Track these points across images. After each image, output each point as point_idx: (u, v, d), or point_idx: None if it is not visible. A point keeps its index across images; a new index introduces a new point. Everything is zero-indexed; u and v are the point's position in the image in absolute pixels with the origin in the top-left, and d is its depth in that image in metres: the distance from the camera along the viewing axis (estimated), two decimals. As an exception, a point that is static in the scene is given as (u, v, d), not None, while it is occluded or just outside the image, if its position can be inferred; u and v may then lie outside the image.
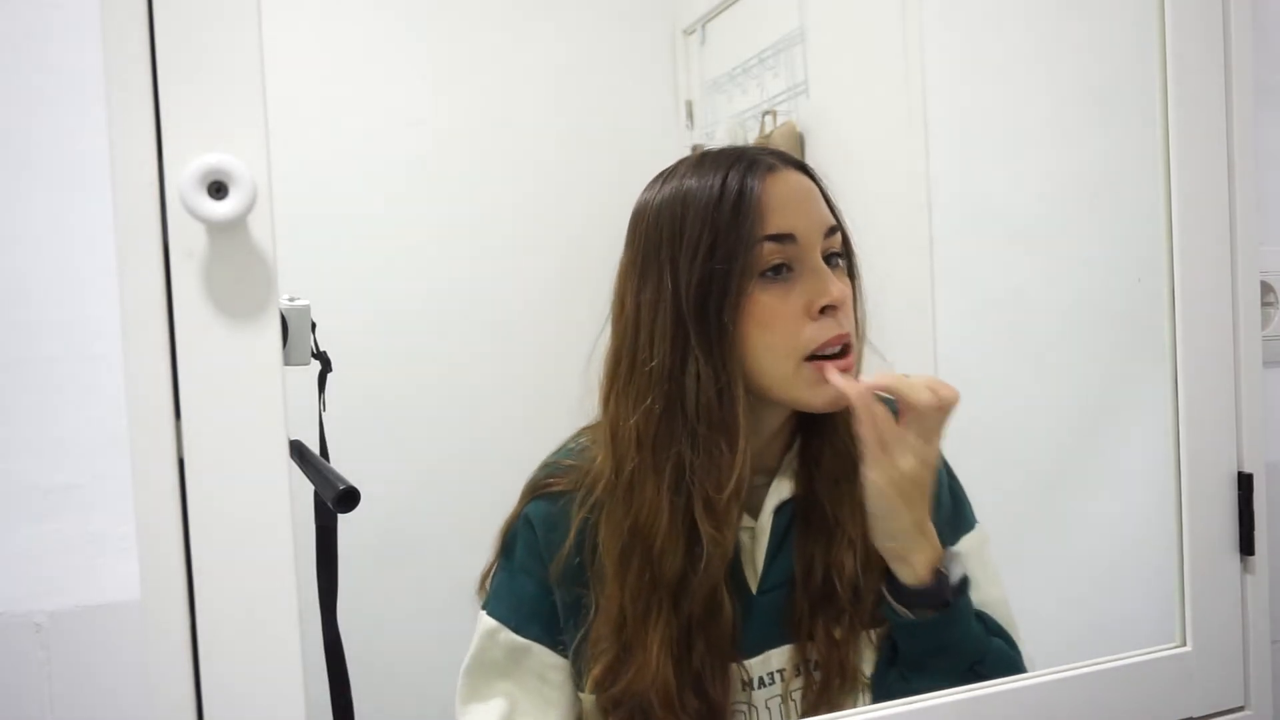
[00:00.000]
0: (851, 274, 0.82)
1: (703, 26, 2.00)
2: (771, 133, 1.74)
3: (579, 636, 0.81)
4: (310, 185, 1.67)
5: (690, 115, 2.03)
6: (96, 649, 0.63)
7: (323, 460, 1.10)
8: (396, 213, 1.84)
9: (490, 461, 0.92)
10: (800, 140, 1.72)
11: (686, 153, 0.88)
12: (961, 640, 0.79)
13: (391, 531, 1.65)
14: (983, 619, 0.82)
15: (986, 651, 0.80)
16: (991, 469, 1.30)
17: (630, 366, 0.79)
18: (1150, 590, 0.92)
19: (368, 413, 1.68)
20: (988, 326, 1.37)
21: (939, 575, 0.77)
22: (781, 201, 0.77)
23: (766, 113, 1.78)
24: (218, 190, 0.55)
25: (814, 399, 0.77)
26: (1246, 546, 0.88)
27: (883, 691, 0.81)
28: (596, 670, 0.79)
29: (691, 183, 0.79)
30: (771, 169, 0.78)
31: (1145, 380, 0.97)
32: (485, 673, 0.84)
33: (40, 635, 0.62)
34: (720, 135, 1.87)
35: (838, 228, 0.80)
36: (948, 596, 0.77)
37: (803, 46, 1.73)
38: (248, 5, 0.57)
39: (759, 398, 0.78)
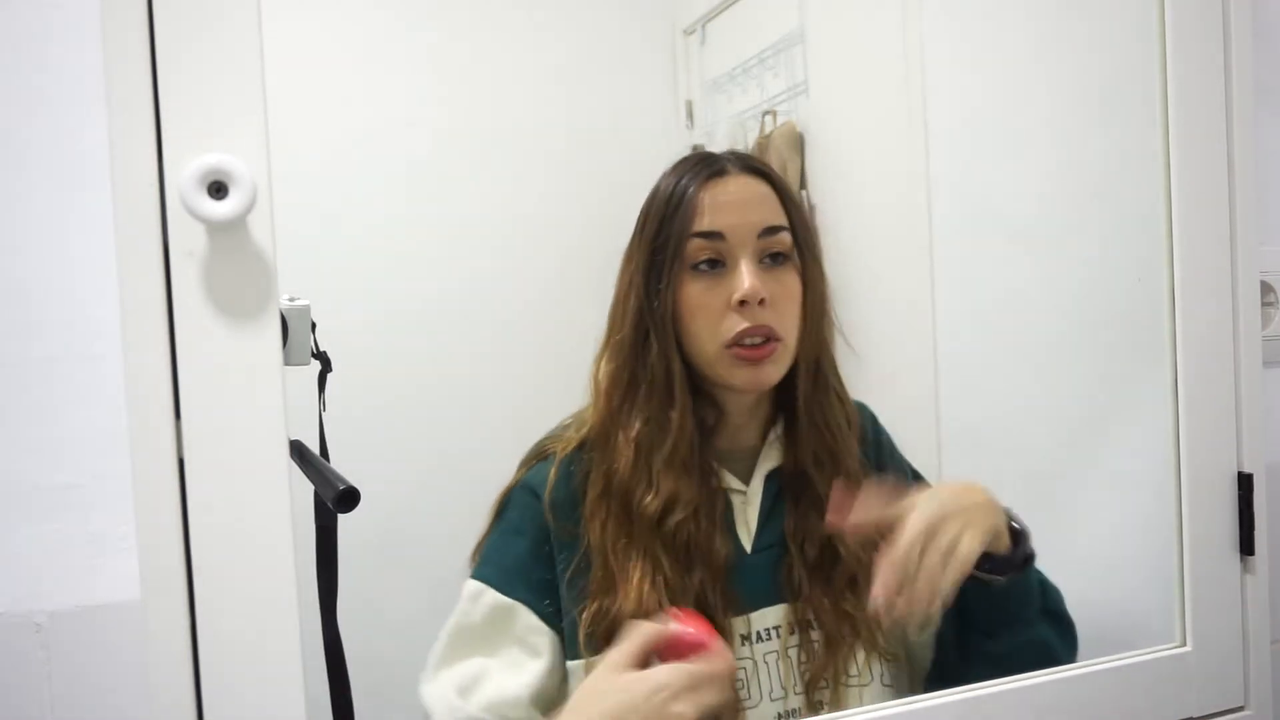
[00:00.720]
0: (805, 273, 0.87)
1: (703, 26, 2.00)
2: (771, 133, 1.74)
3: (574, 577, 0.84)
4: (310, 185, 1.67)
5: (690, 115, 2.03)
6: (96, 649, 0.63)
7: (323, 460, 1.10)
8: (396, 213, 1.84)
9: (491, 461, 0.92)
10: (800, 140, 1.72)
11: (687, 153, 0.93)
12: (1038, 581, 0.85)
13: (391, 531, 1.64)
14: None
15: (1045, 587, 0.86)
16: (991, 469, 1.29)
17: (611, 332, 0.89)
18: (1150, 590, 0.92)
19: (368, 413, 1.68)
20: (988, 326, 1.36)
21: (1016, 536, 0.81)
22: (716, 203, 0.85)
23: (766, 113, 1.78)
24: (218, 190, 0.55)
25: (733, 379, 0.85)
26: (1246, 546, 0.88)
27: (965, 657, 0.84)
28: (589, 611, 0.82)
29: (664, 181, 0.88)
30: (721, 173, 0.86)
31: (1145, 380, 0.97)
32: (462, 637, 0.85)
33: (40, 635, 0.62)
34: (720, 135, 1.88)
35: (780, 229, 0.86)
36: (1030, 551, 0.82)
37: (803, 46, 1.73)
38: (248, 5, 0.57)
39: (707, 379, 0.87)
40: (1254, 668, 0.88)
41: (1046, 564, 1.15)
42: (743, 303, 0.83)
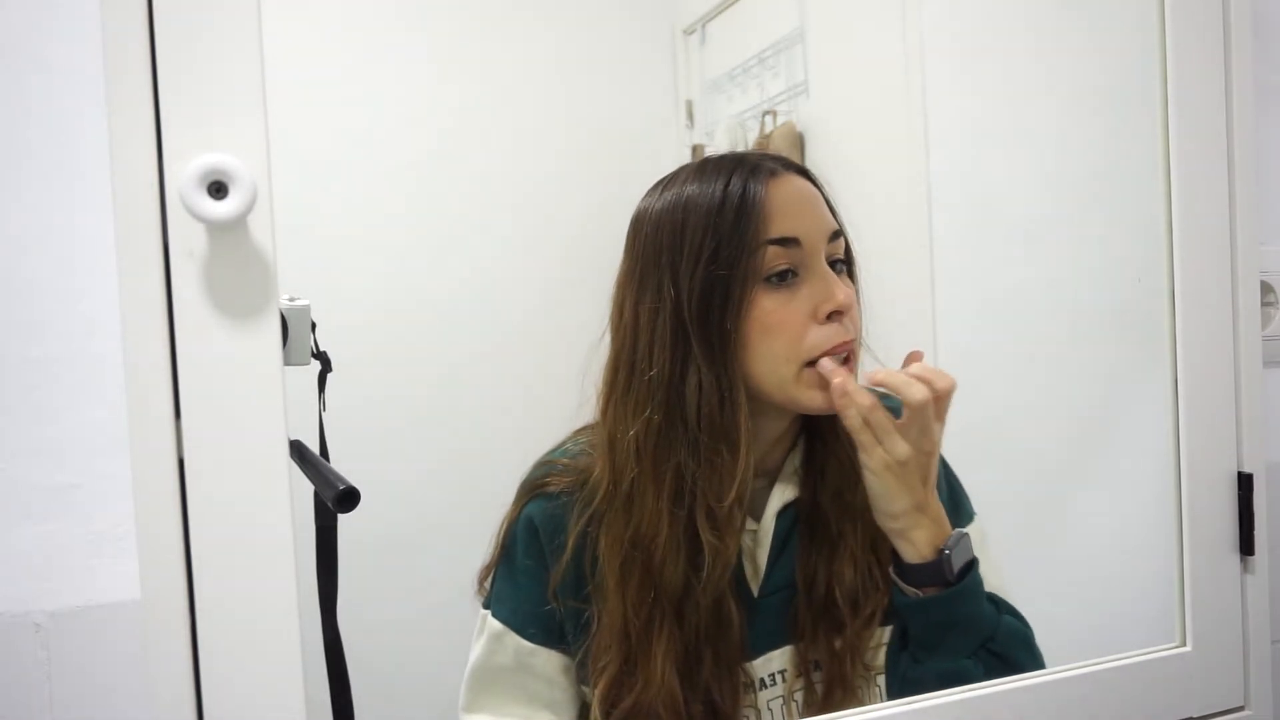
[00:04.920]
0: (853, 279, 0.82)
1: (703, 26, 2.00)
2: (771, 133, 1.74)
3: (582, 649, 0.81)
4: (310, 185, 1.67)
5: (690, 115, 2.03)
6: (96, 649, 0.63)
7: (323, 460, 1.10)
8: (396, 212, 1.84)
9: (490, 461, 0.92)
10: (800, 140, 1.72)
11: (686, 152, 0.89)
12: (970, 617, 0.78)
13: (392, 531, 1.64)
14: (994, 600, 0.82)
15: (998, 629, 0.79)
16: (992, 469, 1.29)
17: (629, 376, 0.79)
18: (1150, 590, 0.92)
19: (368, 413, 1.67)
20: (988, 327, 1.36)
21: (941, 553, 0.77)
22: (785, 205, 0.76)
23: (766, 113, 1.78)
24: (218, 190, 0.55)
25: (814, 402, 0.77)
26: (1246, 546, 0.87)
27: (896, 676, 0.81)
28: (601, 685, 0.78)
29: (692, 189, 0.78)
30: (774, 173, 0.78)
31: (1145, 380, 0.97)
32: (493, 676, 0.84)
33: (40, 635, 0.62)
34: (720, 135, 1.87)
35: (840, 233, 0.80)
36: (949, 574, 0.77)
37: (803, 46, 1.73)
38: (248, 5, 0.57)
39: (758, 402, 0.78)
40: (1254, 668, 0.88)
41: (1047, 563, 1.14)
42: (833, 314, 0.76)
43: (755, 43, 1.84)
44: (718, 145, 1.84)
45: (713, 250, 0.75)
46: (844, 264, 0.81)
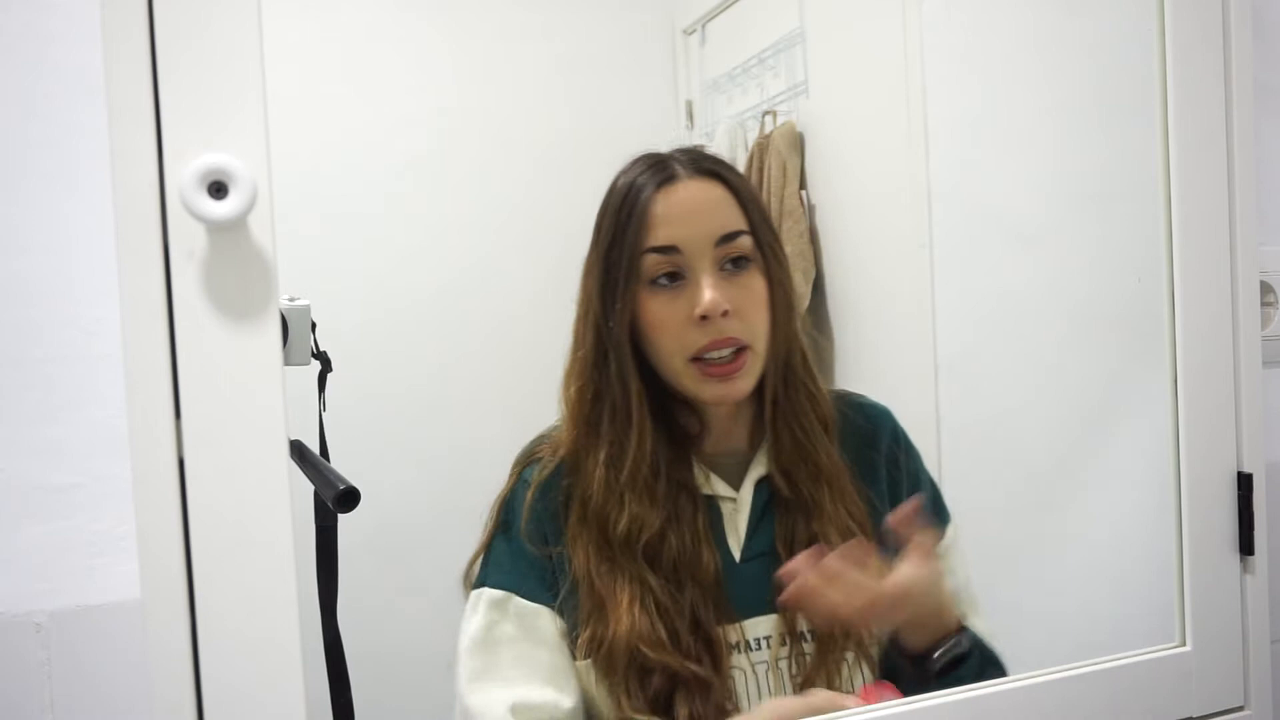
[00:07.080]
0: (768, 274, 0.84)
1: (703, 26, 2.00)
2: (771, 133, 1.74)
3: (565, 600, 0.83)
4: (310, 185, 1.67)
5: (690, 115, 2.03)
6: (96, 649, 0.63)
7: (323, 460, 1.10)
8: (396, 212, 1.85)
9: (490, 461, 0.92)
10: (800, 140, 1.72)
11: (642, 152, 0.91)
12: (946, 683, 0.81)
13: (391, 531, 1.65)
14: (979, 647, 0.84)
15: (976, 679, 0.82)
16: (991, 469, 1.30)
17: (574, 349, 0.87)
18: (1150, 590, 0.92)
19: (368, 413, 1.68)
20: (987, 327, 1.37)
21: (930, 656, 0.81)
22: (667, 215, 0.82)
23: (766, 113, 1.78)
24: (218, 190, 0.55)
25: (702, 394, 0.83)
26: (1246, 546, 0.88)
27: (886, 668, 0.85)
28: (584, 635, 0.81)
29: (619, 182, 0.86)
30: (670, 180, 0.83)
31: (1145, 380, 0.97)
32: (495, 648, 0.82)
33: (40, 635, 0.62)
34: (720, 135, 1.88)
35: (738, 233, 0.83)
36: (933, 671, 0.80)
37: (803, 46, 1.73)
38: (248, 5, 0.57)
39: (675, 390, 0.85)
40: (1254, 668, 0.88)
41: (1047, 563, 1.15)
42: (704, 317, 0.80)
43: (755, 43, 1.84)
44: (718, 145, 1.84)
45: (606, 249, 0.84)
46: (748, 260, 0.83)
